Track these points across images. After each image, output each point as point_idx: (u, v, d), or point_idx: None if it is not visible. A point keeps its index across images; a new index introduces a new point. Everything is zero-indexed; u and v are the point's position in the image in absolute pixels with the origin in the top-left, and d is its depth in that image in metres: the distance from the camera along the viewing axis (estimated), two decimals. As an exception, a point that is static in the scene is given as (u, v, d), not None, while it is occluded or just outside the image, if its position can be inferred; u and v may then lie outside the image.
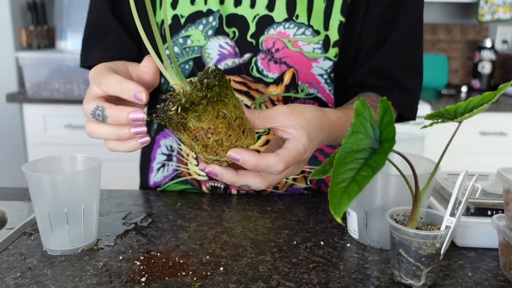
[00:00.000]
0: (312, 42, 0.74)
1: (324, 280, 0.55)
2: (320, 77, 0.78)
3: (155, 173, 0.88)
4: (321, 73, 0.77)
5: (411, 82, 0.80)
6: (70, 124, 2.08)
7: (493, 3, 2.38)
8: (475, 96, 0.49)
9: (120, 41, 0.81)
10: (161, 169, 0.87)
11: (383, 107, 0.49)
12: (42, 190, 0.59)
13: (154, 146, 0.88)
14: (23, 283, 0.54)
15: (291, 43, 0.74)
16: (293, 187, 0.85)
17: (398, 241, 0.53)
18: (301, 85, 0.77)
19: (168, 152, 0.85)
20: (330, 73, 0.78)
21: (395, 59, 0.79)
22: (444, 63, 2.58)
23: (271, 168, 0.51)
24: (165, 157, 0.86)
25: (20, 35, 2.26)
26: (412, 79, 0.81)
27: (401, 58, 0.79)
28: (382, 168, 0.46)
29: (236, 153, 0.50)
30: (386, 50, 0.78)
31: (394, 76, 0.78)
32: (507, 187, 0.56)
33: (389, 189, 0.62)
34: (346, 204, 0.45)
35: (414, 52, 0.80)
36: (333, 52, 0.76)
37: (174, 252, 0.62)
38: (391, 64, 0.78)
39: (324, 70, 0.77)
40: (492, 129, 2.06)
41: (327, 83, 0.79)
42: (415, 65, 0.81)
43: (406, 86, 0.79)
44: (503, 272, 0.58)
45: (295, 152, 0.52)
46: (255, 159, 0.50)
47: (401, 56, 0.79)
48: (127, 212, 0.76)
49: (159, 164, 0.87)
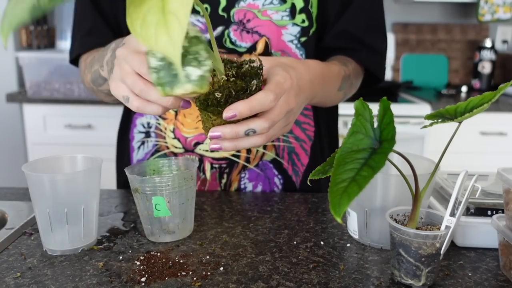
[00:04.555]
0: (280, 10, 0.81)
1: (324, 280, 0.55)
2: (291, 43, 0.83)
3: (136, 151, 0.91)
4: (291, 39, 0.83)
5: (376, 42, 0.87)
6: (70, 124, 2.08)
7: (493, 3, 2.38)
8: (475, 96, 0.49)
9: (94, 30, 0.86)
10: (141, 147, 0.90)
11: (383, 107, 0.49)
12: (42, 190, 0.59)
13: (131, 126, 0.91)
14: (23, 283, 0.54)
15: (261, 12, 0.80)
16: (263, 159, 0.86)
17: (398, 241, 0.53)
18: (274, 53, 0.82)
19: (145, 130, 0.89)
20: (300, 38, 0.83)
21: (358, 21, 0.85)
22: (444, 63, 2.58)
23: (264, 102, 0.52)
24: (143, 134, 0.89)
25: (20, 35, 2.26)
26: (377, 40, 0.87)
27: (364, 20, 0.86)
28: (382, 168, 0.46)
29: (230, 109, 0.51)
30: (349, 13, 0.85)
31: (360, 37, 0.85)
32: (507, 187, 0.56)
33: (389, 189, 0.62)
34: (346, 204, 0.45)
35: (376, 14, 0.87)
36: (299, 18, 0.82)
37: (174, 252, 0.62)
38: (356, 26, 0.85)
39: (294, 35, 0.83)
40: (492, 129, 2.06)
41: (298, 48, 0.84)
42: (378, 26, 0.88)
43: (372, 46, 0.86)
44: (503, 272, 0.58)
45: (275, 83, 0.55)
46: (247, 103, 0.52)
47: (364, 18, 0.85)
48: (127, 212, 0.76)
49: (138, 143, 0.90)
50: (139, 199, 0.64)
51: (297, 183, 0.89)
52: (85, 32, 0.87)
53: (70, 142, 2.10)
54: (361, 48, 0.85)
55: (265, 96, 0.52)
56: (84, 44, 0.87)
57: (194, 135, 0.84)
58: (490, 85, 2.40)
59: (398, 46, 2.56)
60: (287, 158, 0.88)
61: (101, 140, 2.07)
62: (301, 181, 0.90)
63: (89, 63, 0.81)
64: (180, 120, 0.85)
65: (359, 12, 0.85)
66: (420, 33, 2.58)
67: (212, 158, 0.85)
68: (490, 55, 2.38)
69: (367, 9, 0.85)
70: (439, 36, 2.59)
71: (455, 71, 2.62)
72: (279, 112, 0.55)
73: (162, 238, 0.65)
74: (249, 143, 0.56)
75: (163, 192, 0.62)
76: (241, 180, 0.87)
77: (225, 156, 0.85)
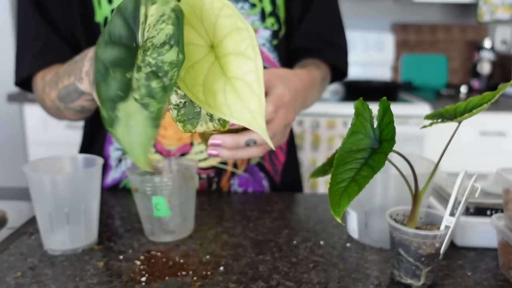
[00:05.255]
0: (251, 14, 0.82)
1: (324, 280, 0.55)
2: (263, 46, 0.84)
3: (114, 170, 0.86)
4: (263, 42, 0.84)
5: (339, 39, 0.92)
6: (71, 124, 2.08)
7: (492, 4, 2.38)
8: (475, 96, 0.49)
9: (48, 46, 0.80)
10: (119, 165, 0.86)
11: (383, 107, 0.49)
12: (42, 190, 0.59)
13: (105, 144, 0.86)
14: (23, 283, 0.54)
15: None
16: (250, 163, 0.86)
17: (397, 240, 0.53)
18: None
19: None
20: (271, 41, 0.85)
21: (319, 20, 0.89)
22: (443, 63, 2.58)
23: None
24: (121, 151, 0.85)
25: (20, 35, 2.26)
26: (339, 36, 0.92)
27: (324, 19, 0.90)
28: (381, 168, 0.47)
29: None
30: (311, 15, 0.88)
31: (323, 35, 0.90)
32: (507, 187, 0.57)
33: (388, 189, 0.62)
34: (346, 204, 0.45)
35: (334, 13, 0.92)
36: (269, 22, 0.83)
37: (174, 251, 0.62)
38: (318, 25, 0.89)
39: (265, 39, 0.84)
40: (492, 129, 2.06)
41: (270, 51, 0.85)
42: (338, 24, 0.93)
43: (335, 43, 0.91)
44: (502, 271, 0.58)
45: (275, 95, 0.57)
46: None
47: (324, 18, 0.90)
48: (127, 212, 0.76)
49: (116, 160, 0.86)
50: (139, 199, 0.64)
51: (277, 182, 0.90)
52: (37, 50, 0.80)
53: (70, 142, 2.09)
54: (325, 47, 0.89)
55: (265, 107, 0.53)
56: (38, 63, 0.80)
57: (177, 147, 0.82)
58: (489, 85, 2.41)
59: (397, 46, 2.56)
60: (268, 159, 0.88)
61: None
62: (280, 179, 0.90)
63: (52, 80, 0.75)
64: (161, 133, 0.81)
65: (319, 13, 0.89)
66: (420, 34, 2.58)
67: (199, 168, 0.83)
68: (489, 56, 2.38)
69: (326, 10, 0.90)
70: (438, 37, 2.59)
71: (454, 71, 2.62)
72: (278, 124, 0.57)
73: (162, 238, 0.65)
74: (248, 154, 0.57)
75: (163, 192, 0.62)
76: (231, 187, 0.86)
77: (212, 164, 0.83)
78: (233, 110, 0.41)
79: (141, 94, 0.38)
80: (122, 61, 0.39)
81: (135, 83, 0.39)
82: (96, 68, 0.40)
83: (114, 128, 0.38)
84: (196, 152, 0.82)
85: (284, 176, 0.91)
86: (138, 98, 0.38)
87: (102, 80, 0.39)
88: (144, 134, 0.38)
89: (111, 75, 0.39)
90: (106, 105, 0.39)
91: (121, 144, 0.39)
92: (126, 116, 0.38)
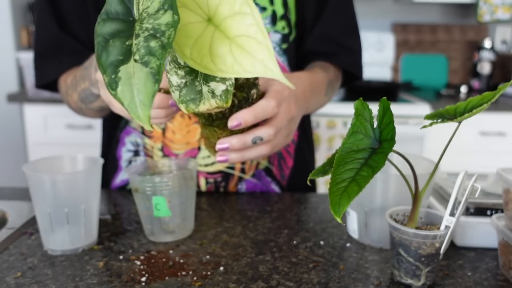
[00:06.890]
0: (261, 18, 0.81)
1: (324, 280, 0.55)
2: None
3: (123, 171, 0.88)
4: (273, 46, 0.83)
5: (353, 43, 0.90)
6: (71, 124, 2.09)
7: (492, 4, 2.38)
8: (475, 96, 0.49)
9: (74, 51, 0.83)
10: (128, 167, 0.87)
11: (383, 107, 0.49)
12: (42, 190, 0.59)
13: (119, 145, 0.88)
14: (23, 283, 0.54)
15: None
16: (259, 168, 0.86)
17: (397, 241, 0.53)
18: None
19: (134, 148, 0.86)
20: (281, 45, 0.84)
21: (334, 24, 0.87)
22: (443, 63, 2.58)
23: (266, 108, 0.54)
24: (132, 153, 0.86)
25: (21, 35, 2.26)
26: (353, 41, 0.90)
27: (339, 23, 0.88)
28: (382, 168, 0.47)
29: (235, 119, 0.52)
30: (325, 18, 0.87)
31: (337, 39, 0.87)
32: (507, 187, 0.57)
33: (388, 189, 0.62)
34: (346, 204, 0.45)
35: (350, 17, 0.90)
36: (280, 26, 0.82)
37: (174, 251, 0.62)
38: (332, 29, 0.87)
39: (275, 43, 0.83)
40: (492, 129, 2.06)
41: (279, 55, 0.84)
42: (353, 28, 0.90)
43: (349, 47, 0.89)
44: (503, 271, 0.58)
45: (274, 91, 0.56)
46: (250, 111, 0.53)
47: (339, 21, 0.88)
48: (127, 212, 0.76)
49: (126, 162, 0.87)
50: (139, 199, 0.64)
51: (284, 186, 0.90)
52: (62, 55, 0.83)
53: (70, 142, 2.10)
54: (339, 51, 0.87)
55: (267, 103, 0.54)
56: (62, 67, 0.83)
57: (185, 151, 0.82)
58: (489, 85, 2.41)
59: (397, 46, 2.56)
60: (276, 164, 0.88)
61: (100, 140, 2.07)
62: (287, 184, 0.90)
63: (72, 83, 0.79)
64: (169, 137, 0.82)
65: (334, 16, 0.87)
66: (420, 34, 2.58)
67: (206, 172, 0.83)
68: (489, 56, 2.38)
69: (341, 13, 0.88)
70: (438, 37, 2.59)
71: (454, 71, 2.62)
72: (282, 119, 0.57)
73: (162, 238, 0.65)
74: (256, 153, 0.57)
75: (163, 192, 0.62)
76: (238, 192, 0.86)
77: (219, 169, 0.83)
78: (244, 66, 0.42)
79: (141, 54, 0.39)
80: (120, 32, 0.41)
81: (134, 47, 0.40)
82: (96, 42, 0.41)
83: (116, 90, 0.39)
84: (204, 156, 0.82)
85: (291, 181, 0.90)
86: (138, 58, 0.39)
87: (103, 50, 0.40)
88: (145, 90, 0.39)
89: (111, 44, 0.40)
90: (108, 70, 0.40)
91: (123, 103, 0.39)
92: (127, 76, 0.39)
